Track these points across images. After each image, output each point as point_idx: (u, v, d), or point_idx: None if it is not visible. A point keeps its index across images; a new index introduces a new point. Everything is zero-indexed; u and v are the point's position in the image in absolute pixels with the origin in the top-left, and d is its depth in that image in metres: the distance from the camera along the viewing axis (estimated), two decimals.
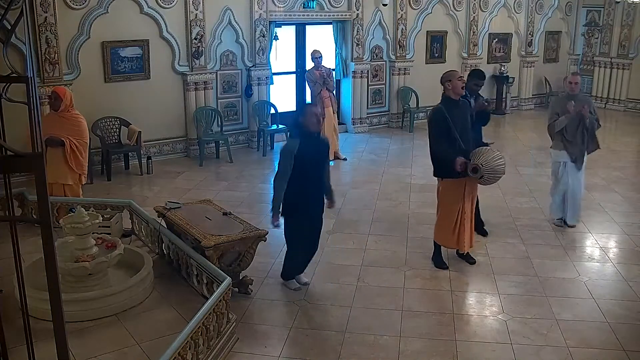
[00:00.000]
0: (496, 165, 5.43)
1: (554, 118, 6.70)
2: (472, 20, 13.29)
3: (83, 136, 6.42)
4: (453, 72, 5.78)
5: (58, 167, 6.25)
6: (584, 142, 6.69)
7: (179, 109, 9.94)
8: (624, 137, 12.14)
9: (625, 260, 6.17)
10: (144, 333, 4.36)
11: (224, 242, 4.92)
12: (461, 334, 4.70)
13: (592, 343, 4.59)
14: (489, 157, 5.41)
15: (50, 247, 2.15)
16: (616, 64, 14.64)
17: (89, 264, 4.63)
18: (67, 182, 6.36)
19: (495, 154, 5.48)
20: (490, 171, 5.40)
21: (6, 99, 2.74)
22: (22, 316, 2.72)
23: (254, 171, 9.39)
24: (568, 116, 6.54)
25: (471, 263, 5.94)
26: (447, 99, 5.58)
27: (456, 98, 5.58)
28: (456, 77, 5.56)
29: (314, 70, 9.55)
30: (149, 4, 9.24)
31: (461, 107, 5.65)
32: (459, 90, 5.55)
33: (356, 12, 11.49)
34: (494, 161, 5.42)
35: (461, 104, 5.66)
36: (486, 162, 5.38)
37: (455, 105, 5.57)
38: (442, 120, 5.47)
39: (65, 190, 6.39)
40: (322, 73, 9.48)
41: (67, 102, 6.38)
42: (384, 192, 8.23)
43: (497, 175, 5.49)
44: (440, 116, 5.50)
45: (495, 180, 5.59)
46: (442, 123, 5.48)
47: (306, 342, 4.58)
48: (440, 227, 5.86)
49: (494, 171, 5.43)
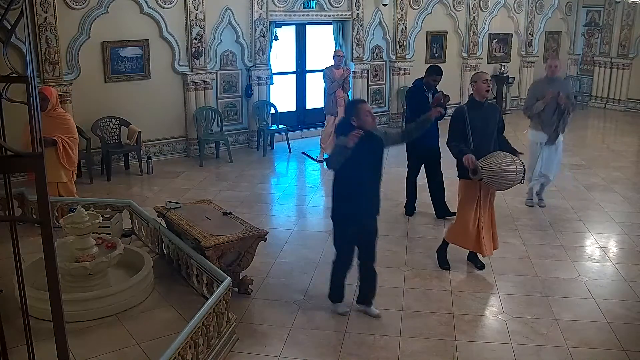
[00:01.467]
0: (503, 170, 5.24)
1: (532, 102, 7.17)
2: (472, 20, 13.29)
3: (72, 133, 6.44)
4: (480, 74, 5.72)
5: (52, 167, 6.22)
6: (559, 124, 7.16)
7: (179, 109, 9.94)
8: (624, 137, 12.15)
9: (625, 260, 6.17)
10: (144, 333, 4.36)
11: (224, 242, 4.92)
12: (461, 334, 4.70)
13: (592, 343, 4.59)
14: (496, 161, 5.28)
15: (50, 247, 2.15)
16: (616, 64, 14.64)
17: (89, 264, 4.63)
18: (62, 179, 6.38)
19: (506, 159, 5.31)
20: (492, 175, 5.26)
21: (6, 99, 2.74)
22: (22, 316, 2.71)
23: (254, 171, 9.39)
24: (545, 101, 6.97)
25: (480, 268, 5.88)
26: (472, 100, 5.59)
27: (480, 100, 5.52)
28: (481, 80, 5.49)
29: (333, 68, 9.56)
30: (149, 4, 9.24)
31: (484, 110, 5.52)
32: (483, 93, 5.49)
33: (356, 12, 11.49)
34: (501, 166, 5.26)
35: (485, 107, 5.54)
36: (489, 165, 5.26)
37: (478, 107, 5.50)
38: (460, 119, 5.46)
39: (59, 189, 6.39)
40: (343, 74, 9.55)
41: (53, 101, 6.36)
42: (384, 192, 8.11)
43: (502, 180, 5.31)
44: (459, 115, 5.50)
45: (503, 186, 5.40)
46: (459, 122, 5.47)
47: (306, 342, 4.58)
48: (455, 225, 5.87)
49: (498, 176, 5.27)
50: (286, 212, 7.72)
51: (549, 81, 7.16)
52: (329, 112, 9.66)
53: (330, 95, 9.55)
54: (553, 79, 7.16)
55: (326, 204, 7.43)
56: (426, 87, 6.93)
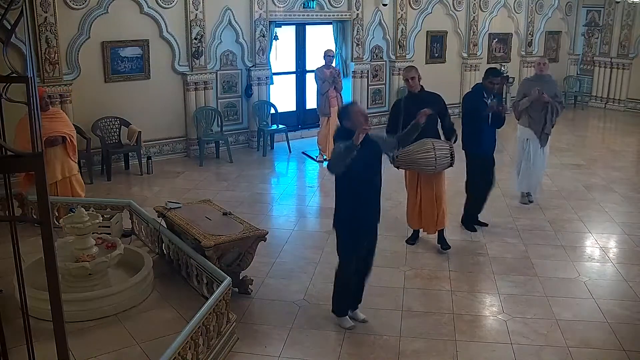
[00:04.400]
0: (417, 158, 5.71)
1: (520, 98, 7.40)
2: (472, 20, 13.29)
3: (71, 127, 6.64)
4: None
5: (64, 162, 6.41)
6: (546, 122, 7.33)
7: (179, 109, 9.94)
8: (624, 137, 12.15)
9: (625, 260, 6.17)
10: (144, 333, 4.36)
11: (224, 242, 4.92)
12: (461, 334, 4.70)
13: (592, 343, 4.59)
14: (413, 149, 5.66)
15: (50, 247, 2.15)
16: (616, 64, 14.64)
17: (89, 264, 4.63)
18: (74, 172, 6.53)
19: (425, 147, 5.66)
20: (409, 162, 5.79)
21: (6, 99, 2.74)
22: (22, 316, 2.71)
23: (254, 171, 9.39)
24: (530, 98, 7.17)
25: (444, 249, 6.20)
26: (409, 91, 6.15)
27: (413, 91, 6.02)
28: (407, 77, 6.08)
29: (323, 68, 9.53)
30: (149, 4, 9.24)
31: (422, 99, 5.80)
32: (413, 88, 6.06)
33: (356, 12, 11.49)
34: (416, 154, 5.69)
35: (422, 96, 5.93)
36: (404, 152, 5.64)
37: (415, 97, 5.94)
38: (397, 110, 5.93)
39: (72, 182, 6.50)
40: (332, 72, 9.49)
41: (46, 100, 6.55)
42: (384, 192, 8.11)
43: (421, 166, 5.77)
44: (395, 106, 6.13)
45: (430, 171, 5.82)
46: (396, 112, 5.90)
47: (306, 342, 4.58)
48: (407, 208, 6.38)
49: (414, 163, 5.77)
50: (286, 212, 7.72)
51: (536, 79, 7.46)
52: (322, 112, 9.62)
53: (323, 95, 9.52)
54: (541, 77, 7.41)
55: (326, 204, 7.42)
56: (485, 93, 6.52)
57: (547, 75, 7.51)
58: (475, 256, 6.11)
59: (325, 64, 9.54)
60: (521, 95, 7.41)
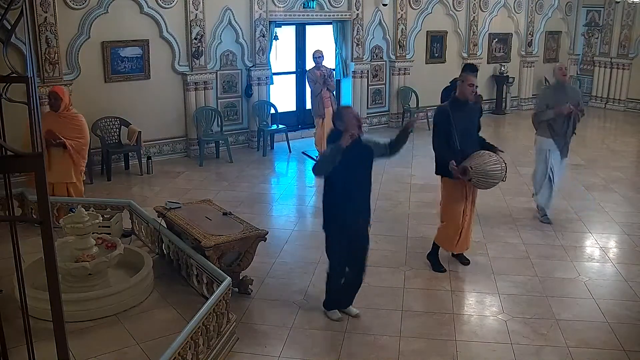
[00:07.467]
0: (489, 169, 5.30)
1: (542, 109, 6.90)
2: (472, 20, 13.29)
3: (83, 134, 6.44)
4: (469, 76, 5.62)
5: (63, 168, 6.30)
6: (568, 134, 6.95)
7: (179, 109, 9.94)
8: (624, 137, 12.16)
9: (625, 260, 6.17)
10: (144, 333, 4.36)
11: (224, 242, 4.92)
12: (461, 334, 4.70)
13: (592, 343, 4.59)
14: (482, 160, 5.31)
15: (50, 247, 2.15)
16: (616, 64, 14.65)
17: (89, 264, 4.63)
18: (72, 180, 6.39)
19: (491, 158, 5.34)
20: (480, 174, 5.29)
21: (6, 99, 2.74)
22: (22, 316, 2.71)
23: (254, 171, 9.39)
24: (557, 113, 6.71)
25: (464, 264, 5.91)
26: (455, 100, 5.51)
27: (463, 100, 5.46)
28: (467, 83, 5.44)
29: (314, 70, 9.51)
30: (149, 4, 9.24)
31: (468, 109, 5.49)
32: (467, 95, 5.44)
33: (356, 12, 11.49)
34: (488, 165, 5.30)
35: (468, 107, 5.50)
36: (477, 165, 5.28)
37: (462, 107, 5.44)
38: (445, 120, 5.41)
39: (69, 188, 6.42)
40: (322, 73, 9.45)
41: (66, 101, 6.40)
42: (384, 192, 8.23)
43: (488, 179, 5.35)
44: (442, 116, 5.44)
45: (489, 185, 5.45)
46: (444, 123, 5.42)
47: (306, 342, 4.58)
48: (445, 228, 5.75)
49: (485, 175, 5.31)
50: (286, 212, 7.72)
51: (559, 87, 6.94)
52: (317, 114, 9.57)
53: (317, 97, 9.49)
54: (564, 86, 6.95)
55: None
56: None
57: (568, 83, 7.16)
58: (475, 256, 6.11)
59: (316, 65, 9.49)
60: (544, 106, 6.90)
